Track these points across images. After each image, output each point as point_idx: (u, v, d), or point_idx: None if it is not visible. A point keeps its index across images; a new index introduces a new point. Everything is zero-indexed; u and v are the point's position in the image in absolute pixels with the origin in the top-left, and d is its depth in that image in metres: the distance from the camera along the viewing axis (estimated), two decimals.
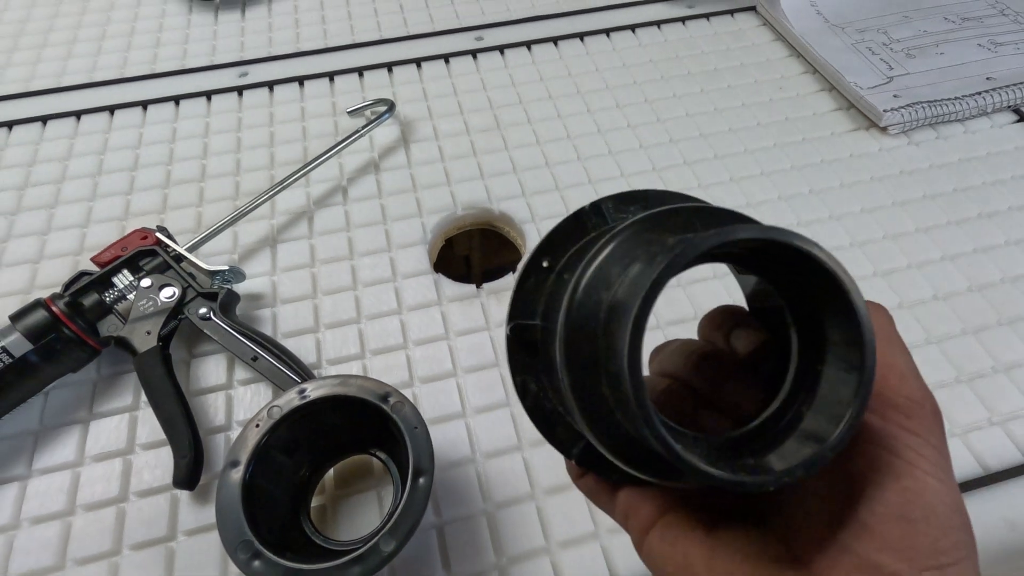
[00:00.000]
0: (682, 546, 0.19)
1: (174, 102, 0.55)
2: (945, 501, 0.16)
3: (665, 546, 0.19)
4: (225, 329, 0.37)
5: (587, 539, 0.33)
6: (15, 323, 0.35)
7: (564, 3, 0.64)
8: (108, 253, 0.39)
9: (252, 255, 0.44)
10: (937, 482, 0.16)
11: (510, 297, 0.21)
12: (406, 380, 0.38)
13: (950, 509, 0.16)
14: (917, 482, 0.16)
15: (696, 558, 0.18)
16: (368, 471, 0.35)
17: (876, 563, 0.16)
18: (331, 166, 0.49)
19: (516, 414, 0.37)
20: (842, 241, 0.45)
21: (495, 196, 0.47)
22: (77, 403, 0.37)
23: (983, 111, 0.52)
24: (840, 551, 0.16)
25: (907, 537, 0.15)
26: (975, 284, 0.42)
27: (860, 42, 0.57)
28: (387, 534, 0.26)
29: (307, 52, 0.59)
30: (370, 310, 0.41)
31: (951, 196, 0.47)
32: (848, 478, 0.17)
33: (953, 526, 0.16)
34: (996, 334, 0.40)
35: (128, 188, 0.49)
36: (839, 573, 0.16)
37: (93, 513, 0.34)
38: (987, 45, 0.56)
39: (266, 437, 0.29)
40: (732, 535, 0.19)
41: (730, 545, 0.18)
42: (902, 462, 0.16)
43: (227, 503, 0.27)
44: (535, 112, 0.53)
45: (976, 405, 0.37)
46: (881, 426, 0.17)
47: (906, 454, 0.16)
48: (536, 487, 0.34)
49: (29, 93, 0.56)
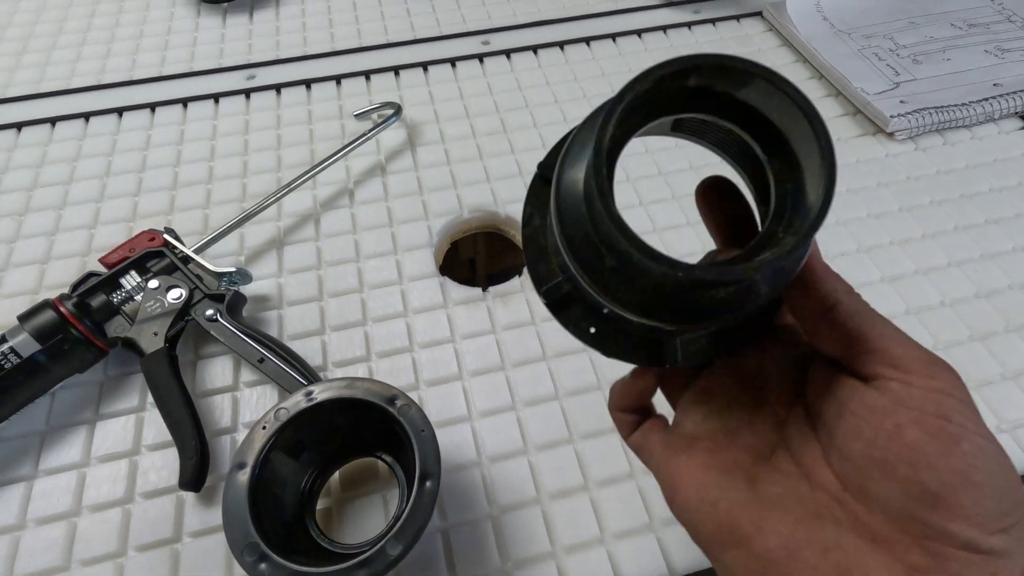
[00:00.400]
0: (724, 507, 0.19)
1: (182, 104, 0.55)
2: (1000, 461, 0.16)
3: (704, 507, 0.19)
4: (232, 331, 0.37)
5: (593, 544, 0.33)
6: (23, 323, 0.35)
7: (570, 8, 0.64)
8: (116, 254, 0.39)
9: (259, 257, 0.45)
10: (988, 442, 0.16)
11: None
12: (412, 383, 0.38)
13: (1006, 469, 0.16)
14: (974, 445, 0.16)
15: (743, 518, 0.18)
16: (374, 474, 0.35)
17: (949, 532, 0.16)
18: (338, 169, 0.49)
19: (522, 418, 0.37)
20: (849, 247, 0.44)
21: (501, 199, 0.48)
22: (84, 404, 0.38)
23: (990, 117, 0.52)
24: (912, 522, 0.16)
25: (975, 503, 0.15)
26: (982, 290, 0.42)
27: (866, 48, 0.57)
28: (393, 538, 0.26)
29: (314, 55, 0.59)
30: (376, 313, 0.41)
31: (958, 202, 0.47)
32: (907, 447, 0.16)
33: (1011, 485, 0.16)
34: (1004, 341, 0.40)
35: (136, 190, 0.49)
36: (910, 546, 0.16)
37: (99, 514, 0.34)
38: (994, 51, 0.56)
39: (273, 439, 0.29)
40: (785, 493, 0.19)
41: (783, 504, 0.18)
42: (955, 426, 0.16)
43: (234, 505, 0.27)
44: (541, 116, 0.54)
45: (984, 412, 0.36)
46: (919, 395, 0.17)
47: (955, 418, 0.16)
48: (542, 491, 0.34)
49: (38, 95, 0.56)
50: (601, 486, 0.34)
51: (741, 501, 0.19)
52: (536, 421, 0.37)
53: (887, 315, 0.19)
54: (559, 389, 0.38)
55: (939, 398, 0.17)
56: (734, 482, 0.19)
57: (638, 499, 0.34)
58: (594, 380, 0.38)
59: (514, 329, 0.41)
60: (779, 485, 0.19)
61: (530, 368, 0.39)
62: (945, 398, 0.17)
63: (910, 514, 0.16)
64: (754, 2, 0.64)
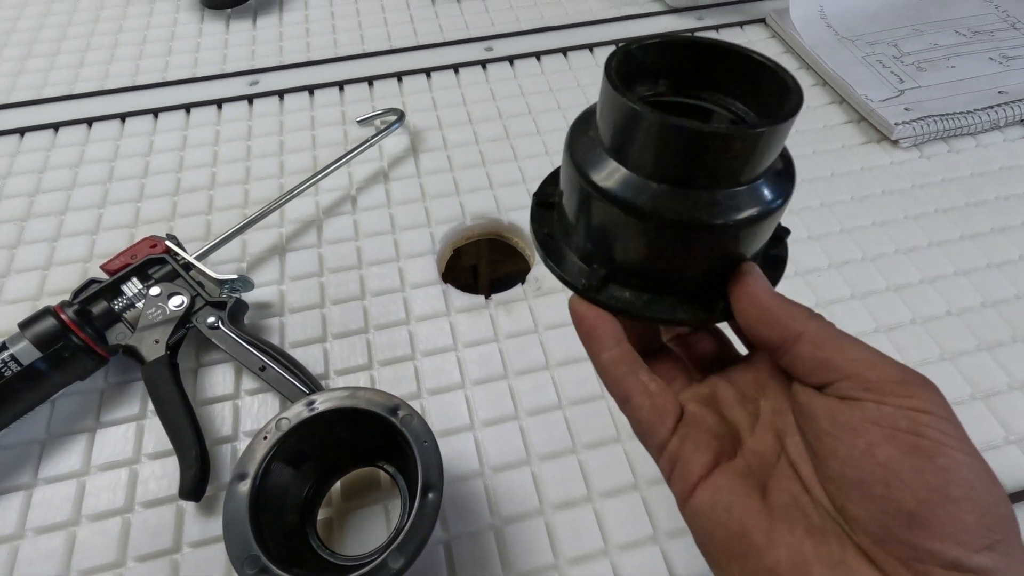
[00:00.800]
0: (738, 514, 0.18)
1: (185, 110, 0.55)
2: (980, 475, 0.16)
3: (718, 512, 0.19)
4: (233, 338, 0.37)
5: (597, 555, 0.32)
6: (24, 331, 0.35)
7: (573, 14, 0.64)
8: (118, 261, 0.39)
9: (261, 264, 0.44)
10: (966, 456, 0.16)
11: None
12: (414, 391, 0.38)
13: (987, 482, 0.16)
14: (950, 460, 0.16)
15: (754, 529, 0.18)
16: (375, 484, 0.35)
17: (932, 552, 0.15)
18: (340, 175, 0.49)
19: (525, 428, 0.37)
20: (854, 255, 0.44)
21: (504, 206, 0.47)
22: (84, 412, 0.37)
23: (995, 125, 0.52)
24: (894, 543, 0.16)
25: (955, 520, 0.15)
26: (989, 300, 0.42)
27: (870, 55, 0.57)
28: (395, 550, 0.26)
29: (317, 61, 0.59)
30: (378, 320, 0.41)
31: (964, 210, 0.47)
32: (880, 466, 0.16)
33: (994, 499, 0.16)
34: (1011, 351, 0.39)
35: (138, 195, 0.49)
36: (898, 567, 0.16)
37: (98, 523, 0.33)
38: (998, 59, 0.56)
39: (274, 449, 0.29)
40: (791, 504, 0.18)
41: (790, 516, 0.18)
42: (928, 442, 0.16)
43: (234, 516, 0.27)
44: (544, 123, 0.53)
45: (991, 423, 0.36)
46: (890, 412, 0.17)
47: (928, 433, 0.16)
48: (545, 502, 0.34)
49: (41, 100, 0.56)
50: (605, 497, 0.34)
51: (755, 510, 0.18)
52: (539, 431, 0.36)
53: (893, 325, 0.19)
54: (562, 398, 0.38)
55: (912, 415, 0.16)
56: (748, 488, 0.19)
57: (642, 510, 0.33)
58: (598, 389, 0.38)
59: (517, 337, 0.40)
60: (786, 494, 0.19)
61: (533, 377, 0.38)
62: (919, 415, 0.16)
63: (892, 535, 0.16)
64: (758, 9, 0.64)
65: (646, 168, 0.19)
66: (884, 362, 0.18)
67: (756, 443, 0.21)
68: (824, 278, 0.43)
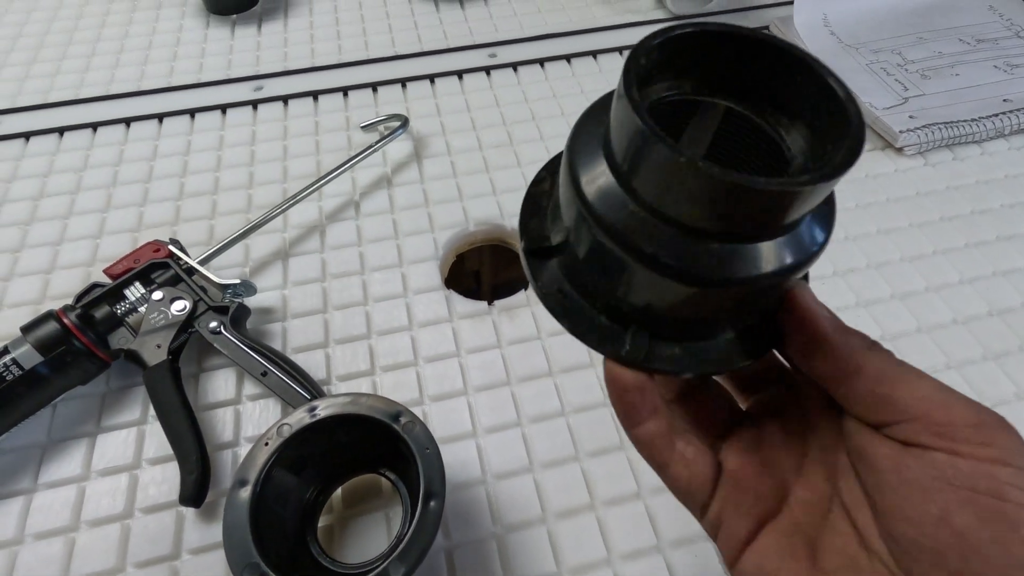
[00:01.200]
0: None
1: (189, 115, 0.55)
2: None
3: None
4: (235, 343, 0.37)
5: (599, 565, 0.32)
6: (26, 334, 0.35)
7: (577, 21, 0.64)
8: (120, 265, 0.39)
9: (263, 269, 0.44)
10: None
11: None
12: (416, 398, 0.38)
13: None
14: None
15: None
16: (377, 491, 0.34)
17: None
18: (344, 180, 0.49)
19: (527, 435, 0.36)
20: (859, 263, 0.44)
21: (507, 212, 0.47)
22: (85, 416, 0.37)
23: (1000, 133, 0.51)
24: None
25: None
26: (995, 308, 0.41)
27: (874, 63, 0.57)
28: (397, 559, 0.26)
29: (322, 67, 0.60)
30: (381, 326, 0.41)
31: (969, 218, 0.47)
32: (957, 536, 0.15)
33: None
34: (1018, 360, 0.39)
35: (142, 200, 0.49)
36: None
37: (98, 529, 0.33)
38: (1003, 67, 0.56)
39: (275, 456, 0.28)
40: (847, 567, 0.17)
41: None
42: (1012, 505, 0.14)
43: (234, 523, 0.27)
44: (548, 129, 0.53)
45: None
46: (967, 469, 0.15)
47: (1011, 495, 0.14)
48: (547, 510, 0.34)
49: (47, 105, 0.56)
50: (608, 505, 0.34)
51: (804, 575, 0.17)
52: (542, 438, 0.36)
53: (898, 334, 0.18)
54: (565, 405, 0.37)
55: (991, 471, 0.15)
56: (795, 550, 0.18)
57: (645, 519, 0.33)
58: (601, 396, 0.38)
59: (520, 344, 0.40)
60: (839, 556, 0.17)
61: (536, 383, 0.38)
62: (999, 469, 0.15)
63: None
64: (761, 16, 0.64)
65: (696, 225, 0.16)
66: (956, 401, 0.16)
67: (804, 489, 0.19)
68: (828, 285, 0.43)
